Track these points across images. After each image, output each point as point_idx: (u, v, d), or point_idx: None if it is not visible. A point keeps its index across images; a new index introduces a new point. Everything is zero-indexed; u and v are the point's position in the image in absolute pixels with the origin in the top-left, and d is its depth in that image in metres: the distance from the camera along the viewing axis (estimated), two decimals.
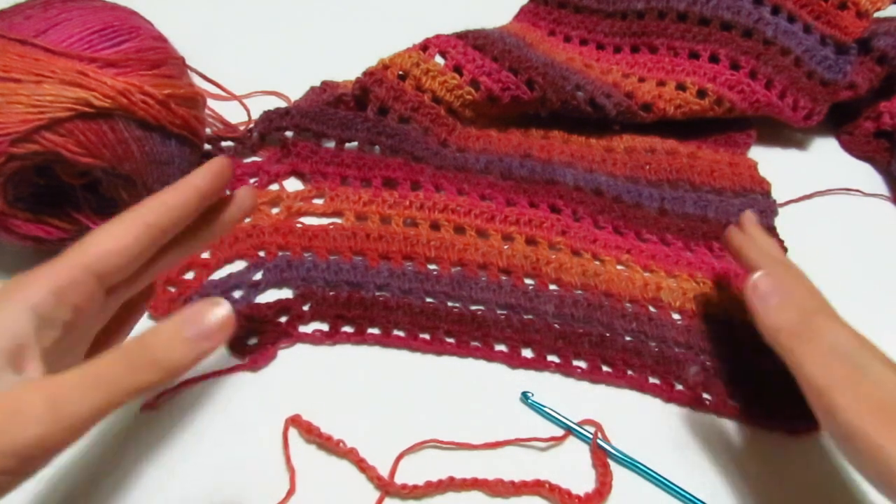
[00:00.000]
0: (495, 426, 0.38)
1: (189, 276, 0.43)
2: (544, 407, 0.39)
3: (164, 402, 0.37)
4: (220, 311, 0.24)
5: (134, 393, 0.23)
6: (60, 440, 0.22)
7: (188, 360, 0.24)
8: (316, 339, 0.41)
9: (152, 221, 0.27)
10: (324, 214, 0.47)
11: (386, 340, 0.41)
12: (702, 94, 0.53)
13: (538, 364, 0.41)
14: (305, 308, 0.42)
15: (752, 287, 0.36)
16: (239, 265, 0.44)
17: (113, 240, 0.26)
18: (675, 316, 0.44)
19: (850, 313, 0.46)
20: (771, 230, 0.50)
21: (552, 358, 0.41)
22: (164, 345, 0.23)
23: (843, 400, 0.30)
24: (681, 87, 0.54)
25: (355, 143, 0.51)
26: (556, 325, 0.42)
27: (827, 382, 0.31)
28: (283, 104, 0.53)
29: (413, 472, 0.36)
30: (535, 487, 0.36)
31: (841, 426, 0.30)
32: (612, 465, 0.37)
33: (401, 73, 0.52)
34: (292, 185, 0.49)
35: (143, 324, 0.40)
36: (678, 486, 0.36)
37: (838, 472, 0.38)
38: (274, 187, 0.48)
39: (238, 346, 0.40)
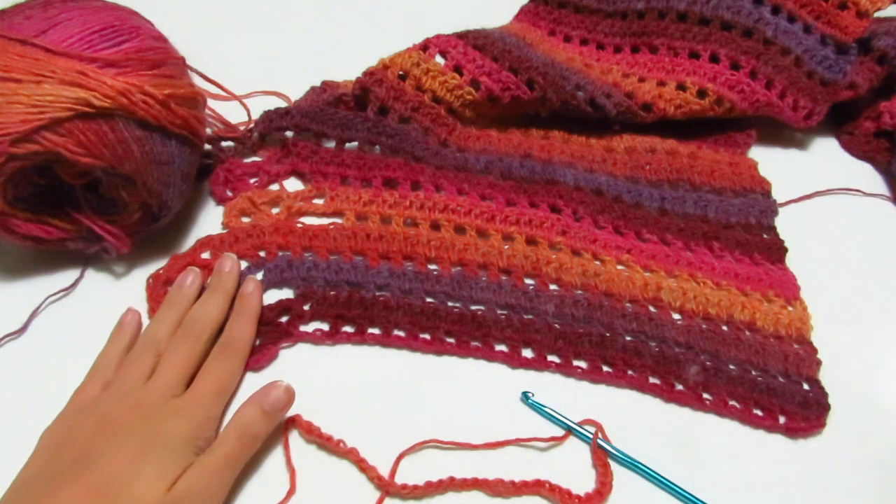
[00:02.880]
0: (495, 426, 0.38)
1: None
2: (544, 407, 0.39)
3: None
4: (281, 390, 0.36)
5: (244, 462, 0.34)
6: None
7: (271, 428, 0.35)
8: (316, 339, 0.41)
9: (247, 360, 0.39)
10: (324, 214, 0.47)
11: (386, 340, 0.41)
12: (702, 94, 0.53)
13: (538, 364, 0.41)
14: (306, 308, 0.42)
15: None
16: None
17: (234, 386, 0.38)
18: (675, 316, 0.44)
19: (851, 313, 0.46)
20: (771, 230, 0.50)
21: (552, 358, 0.41)
22: (255, 421, 0.35)
23: None
24: (681, 87, 0.54)
25: (355, 143, 0.51)
26: (556, 325, 0.42)
27: None
28: (283, 104, 0.53)
29: (413, 472, 0.36)
30: (535, 487, 0.36)
31: None
32: (612, 465, 0.37)
33: (401, 73, 0.52)
34: (292, 185, 0.49)
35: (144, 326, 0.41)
36: (678, 486, 0.36)
37: (838, 472, 0.38)
38: (274, 187, 0.48)
39: None
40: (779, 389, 0.40)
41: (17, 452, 0.32)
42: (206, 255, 0.44)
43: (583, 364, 0.41)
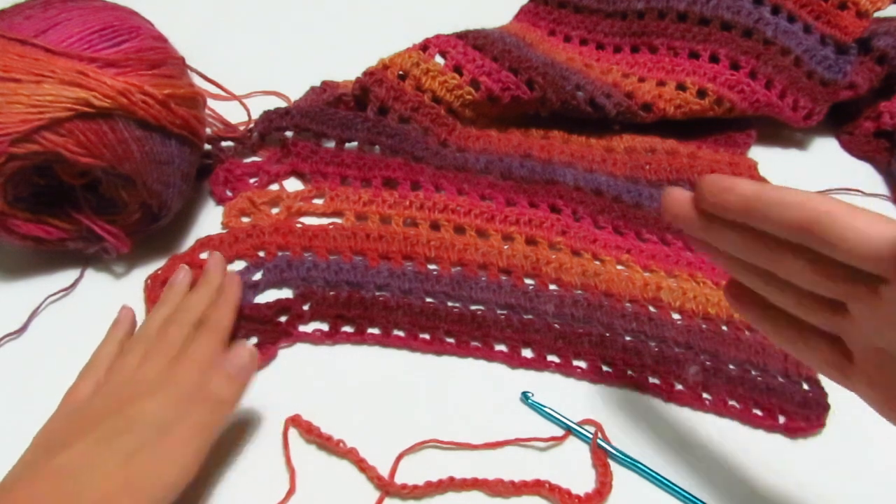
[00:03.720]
0: (495, 426, 0.38)
1: None
2: (544, 407, 0.39)
3: None
4: (244, 349, 0.35)
5: (218, 429, 0.33)
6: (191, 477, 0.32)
7: (239, 392, 0.34)
8: (316, 338, 0.41)
9: (225, 342, 0.38)
10: (324, 214, 0.47)
11: (386, 340, 0.41)
12: (702, 94, 0.53)
13: (538, 364, 0.41)
14: (305, 308, 0.42)
15: (701, 195, 0.28)
16: (239, 265, 0.44)
17: None
18: (675, 316, 0.44)
19: None
20: None
21: (552, 358, 0.41)
22: (221, 386, 0.34)
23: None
24: (681, 87, 0.54)
25: (355, 143, 0.51)
26: (556, 325, 0.42)
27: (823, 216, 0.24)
28: (283, 104, 0.53)
29: (413, 472, 0.36)
30: (535, 487, 0.36)
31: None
32: (612, 465, 0.37)
33: (401, 73, 0.52)
34: (292, 185, 0.49)
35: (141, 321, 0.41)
36: (678, 486, 0.36)
37: (838, 472, 0.38)
38: (274, 187, 0.48)
39: None
40: (778, 389, 0.40)
41: (16, 452, 0.32)
42: (205, 256, 0.44)
43: (583, 364, 0.41)
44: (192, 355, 0.35)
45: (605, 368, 0.41)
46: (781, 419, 0.40)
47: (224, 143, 0.50)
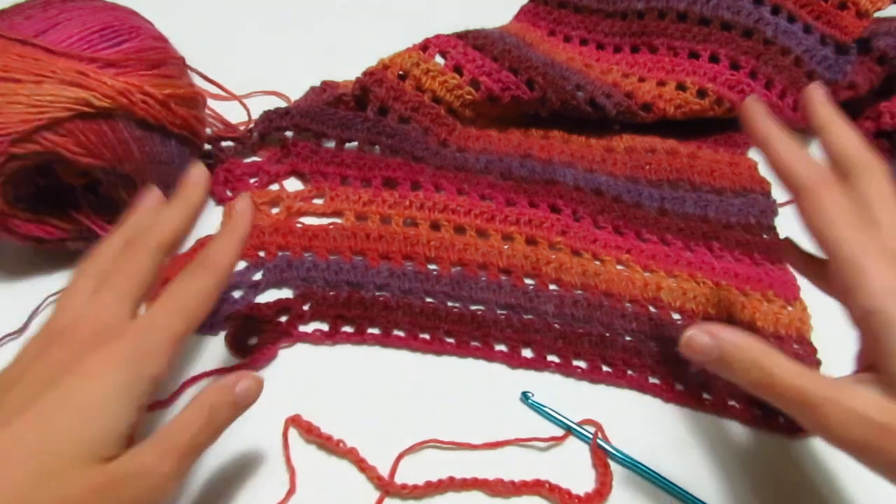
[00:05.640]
0: (495, 426, 0.38)
1: None
2: (544, 407, 0.39)
3: (169, 402, 0.37)
4: (252, 380, 0.30)
5: (214, 439, 0.29)
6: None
7: (233, 420, 0.30)
8: (316, 339, 0.41)
9: (222, 285, 0.31)
10: (324, 214, 0.47)
11: (386, 340, 0.41)
12: (702, 94, 0.53)
13: (538, 364, 0.41)
14: (305, 308, 0.42)
15: (686, 346, 0.30)
16: (239, 265, 0.44)
17: (203, 311, 0.30)
18: (675, 316, 0.44)
19: None
20: (771, 230, 0.50)
21: (552, 358, 0.41)
22: (224, 408, 0.29)
23: (832, 423, 0.26)
24: (681, 87, 0.54)
25: (355, 143, 0.51)
26: (556, 325, 0.42)
27: (804, 409, 0.28)
28: (283, 104, 0.53)
29: (413, 472, 0.36)
30: (535, 487, 0.36)
31: (841, 445, 0.27)
32: (612, 465, 0.37)
33: (401, 73, 0.52)
34: (292, 185, 0.49)
35: None
36: (678, 486, 0.36)
37: (837, 472, 0.38)
38: (274, 187, 0.49)
39: (238, 345, 0.40)
40: None
41: None
42: None
43: (583, 364, 0.41)
44: (175, 295, 0.29)
45: (605, 368, 0.41)
46: (781, 419, 0.40)
47: (224, 143, 0.50)
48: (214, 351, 0.40)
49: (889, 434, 0.24)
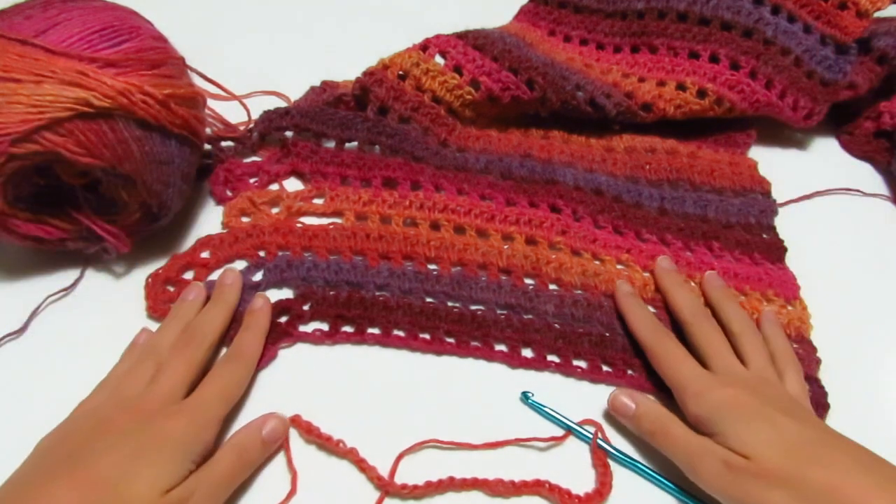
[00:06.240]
0: (495, 426, 0.38)
1: (188, 275, 0.43)
2: (544, 407, 0.39)
3: None
4: (279, 421, 0.36)
5: (241, 481, 0.34)
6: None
7: (264, 457, 0.36)
8: (316, 339, 0.41)
9: (252, 370, 0.39)
10: (324, 214, 0.47)
11: (386, 340, 0.41)
12: (702, 94, 0.53)
13: (538, 364, 0.41)
14: (305, 308, 0.42)
15: (612, 407, 0.39)
16: (239, 265, 0.44)
17: (238, 393, 0.37)
18: None
19: (851, 313, 0.46)
20: (771, 230, 0.50)
21: (552, 358, 0.41)
22: (253, 447, 0.35)
23: (701, 471, 0.34)
24: (681, 87, 0.54)
25: (355, 143, 0.51)
26: (556, 325, 0.42)
27: (686, 461, 0.35)
28: (283, 104, 0.53)
29: (413, 472, 0.36)
30: (535, 487, 0.36)
31: (711, 490, 0.34)
32: (612, 465, 0.37)
33: (401, 73, 0.52)
34: (292, 185, 0.49)
35: (141, 321, 0.41)
36: (678, 487, 0.36)
37: None
38: (274, 187, 0.48)
39: None
40: None
41: (17, 453, 0.32)
42: (205, 255, 0.44)
43: (583, 364, 0.41)
44: (218, 382, 0.36)
45: (605, 368, 0.41)
46: None
47: (224, 143, 0.50)
48: (214, 351, 0.40)
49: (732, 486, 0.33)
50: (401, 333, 0.41)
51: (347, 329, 0.41)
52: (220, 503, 0.33)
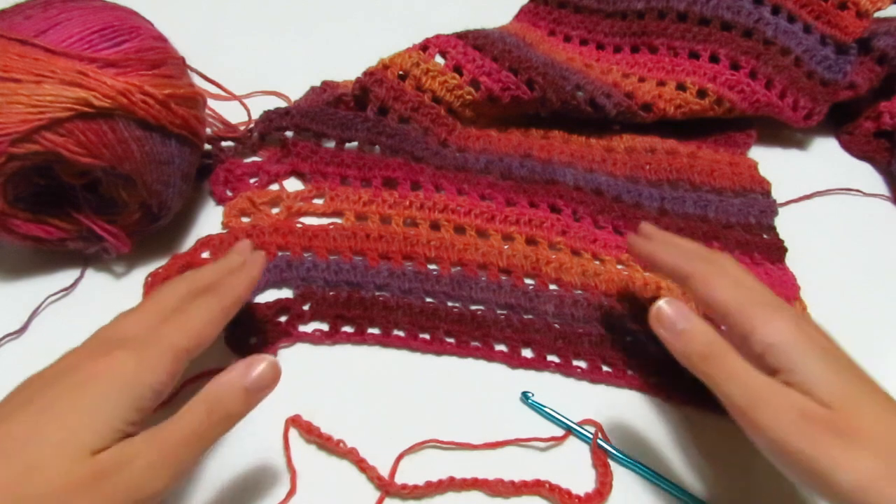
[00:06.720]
0: (495, 426, 0.38)
1: None
2: (544, 407, 0.39)
3: (169, 402, 0.37)
4: (266, 364, 0.29)
5: (215, 441, 0.28)
6: (172, 487, 0.27)
7: (248, 409, 0.29)
8: (316, 339, 0.41)
9: (229, 310, 0.33)
10: (324, 214, 0.47)
11: (386, 340, 0.41)
12: (702, 94, 0.53)
13: (538, 364, 0.41)
14: (305, 308, 0.42)
15: (656, 317, 0.33)
16: None
17: (208, 331, 0.31)
18: None
19: (851, 313, 0.46)
20: (771, 230, 0.50)
21: (552, 358, 0.41)
22: (232, 398, 0.28)
23: (765, 417, 0.29)
24: (681, 87, 0.54)
25: (355, 143, 0.51)
26: (556, 325, 0.42)
27: (745, 401, 0.30)
28: (283, 104, 0.53)
29: (413, 472, 0.36)
30: (535, 487, 0.36)
31: (770, 443, 0.29)
32: (612, 465, 0.37)
33: (401, 73, 0.52)
34: (292, 185, 0.49)
35: None
36: (678, 486, 0.36)
37: None
38: (274, 187, 0.48)
39: (238, 345, 0.40)
40: None
41: None
42: (205, 255, 0.44)
43: (583, 364, 0.41)
44: (181, 316, 0.30)
45: (605, 368, 0.41)
46: None
47: (224, 143, 0.50)
48: (214, 351, 0.40)
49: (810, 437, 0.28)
50: (401, 333, 0.41)
51: (347, 329, 0.41)
52: (180, 471, 0.27)
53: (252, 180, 0.49)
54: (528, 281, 0.45)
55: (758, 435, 0.30)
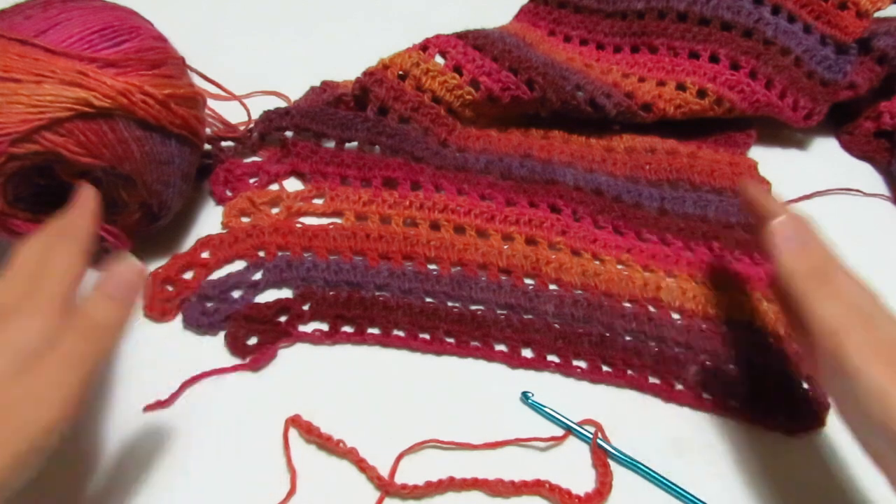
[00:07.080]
0: (495, 426, 0.38)
1: (188, 276, 0.43)
2: (544, 407, 0.39)
3: (169, 403, 0.37)
4: (124, 265, 0.30)
5: (101, 360, 0.28)
6: (67, 417, 0.27)
7: (124, 315, 0.29)
8: (316, 339, 0.41)
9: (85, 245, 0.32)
10: (324, 214, 0.47)
11: (386, 340, 0.41)
12: (702, 94, 0.53)
13: (538, 364, 0.41)
14: (305, 308, 0.42)
15: (774, 230, 0.35)
16: (238, 265, 0.44)
17: (76, 269, 0.30)
18: (675, 316, 0.44)
19: None
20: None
21: (552, 358, 0.41)
22: (98, 309, 0.28)
23: (852, 343, 0.30)
24: (681, 87, 0.54)
25: (355, 143, 0.51)
26: (556, 325, 0.42)
27: (837, 324, 0.31)
28: (283, 104, 0.53)
29: (413, 472, 0.36)
30: (535, 487, 0.36)
31: (848, 367, 0.30)
32: (612, 465, 0.37)
33: (401, 73, 0.52)
34: (292, 185, 0.49)
35: (140, 321, 0.41)
36: (678, 486, 0.36)
37: (838, 472, 0.38)
38: (274, 187, 0.49)
39: (238, 345, 0.40)
40: (778, 389, 0.40)
41: None
42: (205, 255, 0.44)
43: (583, 364, 0.41)
44: (52, 268, 0.30)
45: (605, 368, 0.41)
46: (781, 418, 0.40)
47: (224, 143, 0.50)
48: (214, 351, 0.40)
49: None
50: (401, 333, 0.41)
51: (347, 329, 0.41)
52: (68, 397, 0.27)
53: (252, 180, 0.49)
54: (528, 281, 0.45)
55: (837, 360, 0.30)
